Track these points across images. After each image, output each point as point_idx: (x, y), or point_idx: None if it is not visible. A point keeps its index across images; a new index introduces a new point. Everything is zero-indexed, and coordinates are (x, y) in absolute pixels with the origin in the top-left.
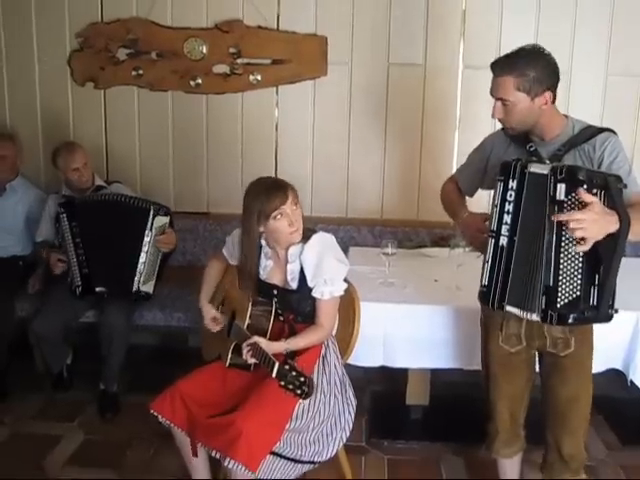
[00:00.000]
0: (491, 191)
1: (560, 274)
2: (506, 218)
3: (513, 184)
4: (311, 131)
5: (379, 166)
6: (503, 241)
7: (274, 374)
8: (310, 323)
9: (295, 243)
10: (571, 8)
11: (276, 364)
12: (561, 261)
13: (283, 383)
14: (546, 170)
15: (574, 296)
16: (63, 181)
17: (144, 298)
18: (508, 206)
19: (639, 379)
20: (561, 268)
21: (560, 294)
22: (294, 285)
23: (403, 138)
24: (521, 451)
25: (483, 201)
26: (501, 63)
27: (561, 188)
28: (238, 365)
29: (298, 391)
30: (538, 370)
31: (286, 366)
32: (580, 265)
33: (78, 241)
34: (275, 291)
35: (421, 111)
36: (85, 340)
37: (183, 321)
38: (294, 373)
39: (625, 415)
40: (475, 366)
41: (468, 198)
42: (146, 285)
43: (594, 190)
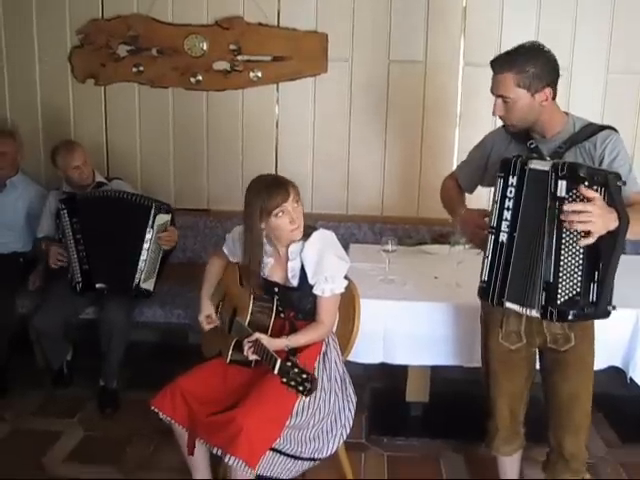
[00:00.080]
0: (491, 188)
1: (561, 270)
2: (506, 214)
3: (513, 180)
4: (311, 128)
5: (379, 163)
6: (503, 237)
7: (276, 371)
8: (311, 320)
9: (296, 240)
10: (572, 5)
11: (278, 361)
12: (562, 257)
13: (285, 380)
14: (547, 167)
15: (574, 293)
16: (63, 178)
17: (144, 295)
18: (508, 202)
19: (639, 376)
20: (561, 265)
21: (560, 290)
22: (295, 282)
23: (403, 135)
24: (521, 449)
25: (483, 199)
26: (501, 60)
27: (562, 185)
28: (239, 362)
29: (300, 388)
30: (539, 368)
31: (288, 363)
32: (580, 262)
33: (79, 237)
34: (276, 288)
35: (421, 108)
36: (85, 336)
37: (183, 318)
38: (296, 370)
39: (625, 412)
40: (475, 363)
41: (468, 195)
42: (147, 282)
43: (594, 187)
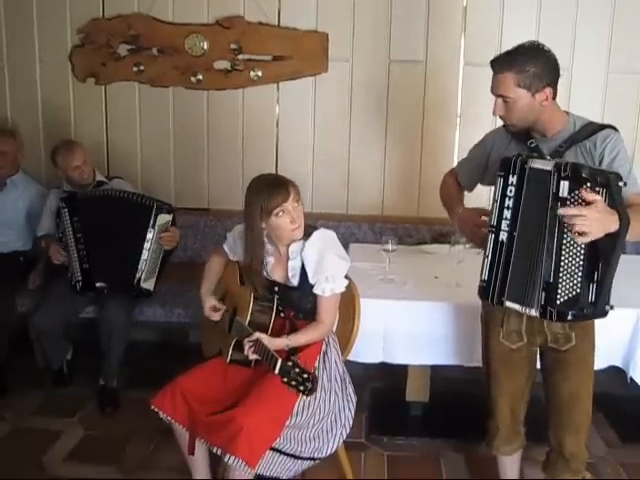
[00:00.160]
0: (490, 187)
1: (561, 271)
2: (506, 213)
3: (513, 179)
4: (312, 127)
5: (380, 162)
6: (503, 236)
7: (277, 370)
8: (311, 320)
9: (296, 240)
10: (572, 5)
11: (279, 360)
12: (562, 258)
13: (286, 380)
14: (549, 166)
15: (574, 293)
16: (64, 178)
17: (145, 295)
18: (508, 201)
19: (639, 376)
20: (562, 265)
21: (560, 291)
22: (295, 282)
23: (404, 134)
24: (521, 448)
25: (483, 197)
26: (501, 60)
27: (564, 185)
28: (239, 361)
29: (301, 387)
30: (539, 368)
31: (289, 362)
32: (581, 263)
33: (79, 236)
34: (276, 288)
35: (422, 108)
36: (85, 336)
37: (183, 317)
38: (297, 369)
39: (625, 412)
40: (475, 363)
41: (467, 193)
42: (147, 282)
43: (597, 188)
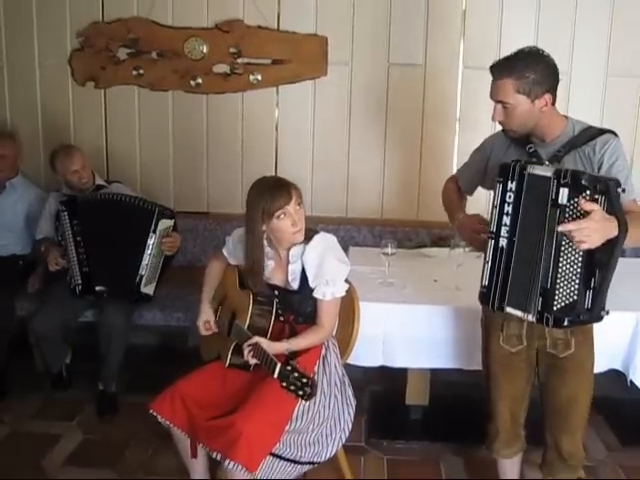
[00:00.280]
0: (490, 191)
1: (558, 277)
2: (505, 219)
3: (512, 185)
4: (311, 131)
5: (379, 166)
6: (503, 242)
7: (276, 375)
8: (311, 324)
9: (297, 243)
10: (571, 8)
11: (278, 365)
12: (560, 265)
13: (285, 384)
14: (549, 173)
15: (571, 300)
16: (63, 182)
17: (145, 299)
18: (507, 207)
19: (639, 379)
20: (559, 272)
21: (557, 297)
22: (295, 285)
23: (403, 138)
24: (521, 451)
25: (482, 201)
26: (500, 66)
27: (564, 192)
28: (238, 365)
29: (300, 392)
30: (537, 371)
31: (288, 367)
32: (579, 269)
33: (79, 239)
34: (276, 291)
35: (421, 111)
36: (84, 340)
37: (183, 321)
38: (296, 374)
39: (625, 416)
40: (475, 366)
41: (468, 197)
42: (147, 287)
43: (596, 196)
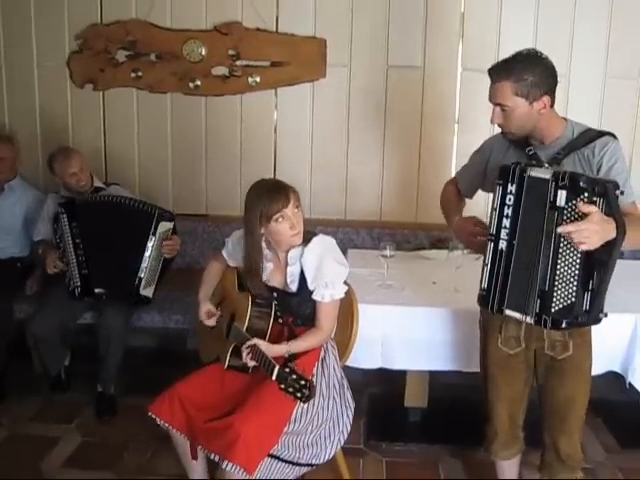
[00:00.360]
0: (489, 194)
1: (556, 279)
2: (505, 222)
3: (512, 188)
4: (310, 133)
5: (378, 168)
6: (502, 245)
7: (274, 377)
8: (310, 326)
9: (295, 246)
10: (570, 10)
11: (276, 367)
12: (558, 267)
13: (283, 386)
14: (547, 175)
15: (569, 302)
16: (61, 184)
17: (144, 302)
18: (507, 210)
19: (637, 382)
20: (558, 274)
21: (555, 299)
22: (294, 288)
23: (402, 140)
24: (520, 453)
25: (481, 204)
26: (498, 69)
27: (562, 195)
28: (237, 367)
29: (298, 394)
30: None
31: (286, 369)
32: (577, 272)
33: (78, 242)
34: (275, 294)
35: (420, 113)
36: (83, 342)
37: (181, 323)
38: (294, 376)
39: (623, 418)
40: (473, 368)
41: (467, 200)
42: (146, 289)
43: (594, 198)
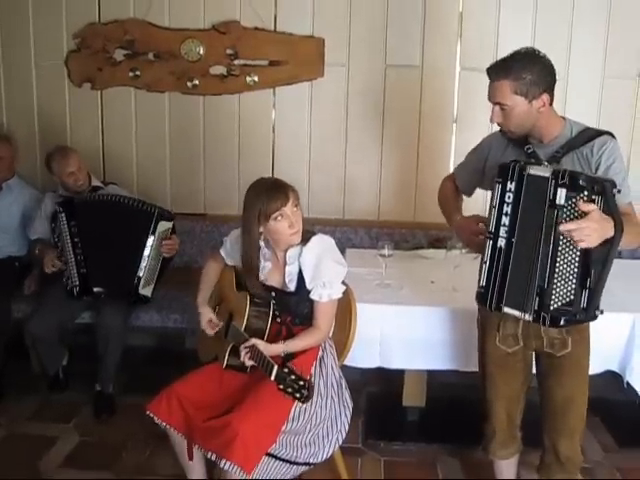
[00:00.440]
0: (487, 191)
1: (555, 277)
2: (504, 220)
3: (511, 186)
4: (308, 132)
5: (376, 167)
6: (501, 243)
7: (273, 377)
8: (308, 325)
9: (294, 245)
10: (568, 10)
11: (275, 367)
12: (557, 264)
13: (282, 387)
14: (547, 173)
15: (567, 299)
16: (59, 183)
17: (142, 301)
18: (506, 208)
19: (635, 381)
20: (556, 272)
21: (554, 297)
22: (292, 287)
23: (400, 139)
24: (518, 453)
25: (479, 202)
26: (497, 68)
27: (561, 193)
28: (235, 367)
29: (297, 394)
30: (535, 371)
31: (285, 369)
32: (575, 270)
33: (77, 241)
34: (273, 293)
35: (418, 112)
36: (81, 341)
37: (180, 322)
38: (293, 377)
39: (621, 417)
40: (472, 367)
41: (465, 198)
42: (145, 288)
43: (593, 197)
